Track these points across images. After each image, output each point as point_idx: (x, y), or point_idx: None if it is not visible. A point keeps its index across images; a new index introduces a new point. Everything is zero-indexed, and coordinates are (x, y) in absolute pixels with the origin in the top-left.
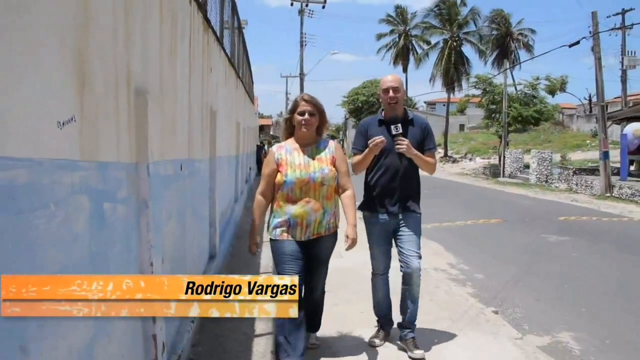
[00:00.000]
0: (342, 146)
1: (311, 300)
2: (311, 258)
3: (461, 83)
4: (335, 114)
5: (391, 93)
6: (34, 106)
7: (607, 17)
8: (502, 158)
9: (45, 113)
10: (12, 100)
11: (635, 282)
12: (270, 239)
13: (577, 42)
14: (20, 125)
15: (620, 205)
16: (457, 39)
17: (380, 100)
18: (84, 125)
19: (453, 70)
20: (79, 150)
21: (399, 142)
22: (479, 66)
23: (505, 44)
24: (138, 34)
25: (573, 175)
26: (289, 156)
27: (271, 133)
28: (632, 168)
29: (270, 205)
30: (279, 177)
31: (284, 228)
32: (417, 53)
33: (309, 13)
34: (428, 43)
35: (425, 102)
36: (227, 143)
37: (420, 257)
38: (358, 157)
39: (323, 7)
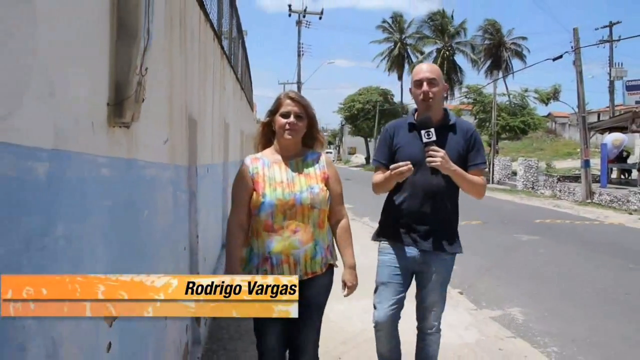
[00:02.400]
0: (338, 152)
1: None
2: (299, 305)
3: (454, 92)
4: (332, 121)
5: (425, 87)
6: (153, 133)
7: (595, 29)
8: (491, 165)
9: (158, 137)
10: (143, 129)
11: (581, 271)
12: None
13: (560, 56)
14: (148, 142)
15: (598, 211)
16: (449, 48)
17: (412, 97)
18: (170, 143)
19: (446, 78)
20: (168, 157)
21: (432, 153)
22: (473, 75)
23: (497, 53)
24: (190, 79)
25: (557, 182)
26: (267, 171)
27: None
28: (613, 176)
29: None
30: (254, 198)
31: (266, 269)
32: (412, 61)
33: (306, 24)
34: (422, 53)
35: None
36: (235, 149)
37: (440, 317)
38: (380, 176)
39: (320, 18)
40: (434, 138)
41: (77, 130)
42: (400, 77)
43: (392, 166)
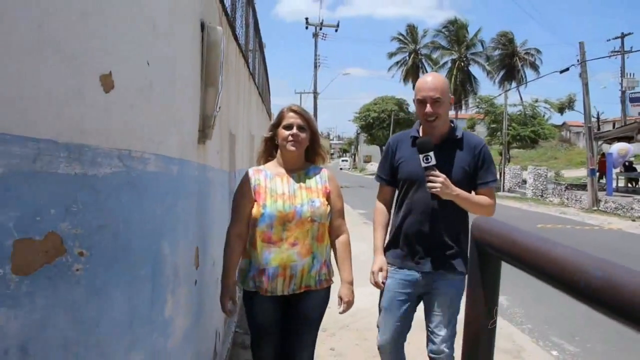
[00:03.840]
0: (354, 160)
1: None
2: (294, 318)
3: (468, 102)
4: (348, 129)
5: (429, 108)
6: (212, 146)
7: (607, 40)
8: (502, 174)
9: (214, 149)
10: (209, 143)
11: None
12: (244, 291)
13: (567, 69)
14: (210, 153)
15: (602, 218)
16: (464, 59)
17: (416, 113)
18: (220, 153)
19: (460, 89)
20: (219, 164)
21: (431, 178)
22: (487, 85)
23: (511, 63)
24: (229, 100)
25: (565, 190)
26: (269, 182)
27: None
28: (621, 184)
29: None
30: (255, 210)
31: (261, 280)
32: (426, 71)
33: (323, 36)
34: (437, 63)
35: None
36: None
37: (449, 341)
38: (377, 232)
39: (336, 30)
40: (433, 162)
41: (187, 146)
42: (414, 87)
43: (372, 269)
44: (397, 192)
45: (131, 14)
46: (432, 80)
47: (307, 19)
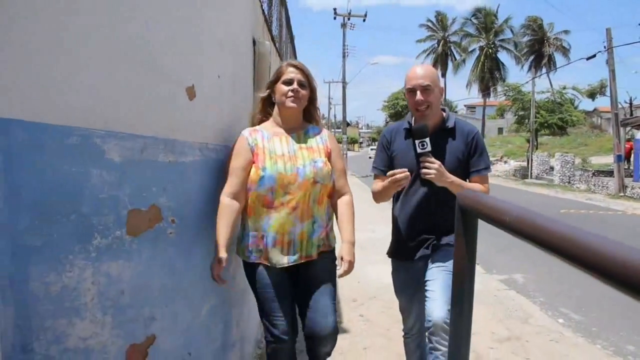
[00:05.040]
0: None
1: (319, 341)
2: (305, 279)
3: (496, 88)
4: (377, 118)
5: (419, 96)
6: None
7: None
8: (529, 161)
9: None
10: None
11: None
12: (244, 262)
13: (594, 56)
14: None
15: (628, 203)
16: (492, 46)
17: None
18: None
19: (488, 76)
20: None
21: (426, 164)
22: (516, 72)
23: (540, 49)
24: None
25: (592, 177)
26: (267, 143)
27: None
28: None
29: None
30: (253, 172)
31: (260, 248)
32: (455, 59)
33: (351, 26)
34: (465, 50)
35: (465, 106)
36: None
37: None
38: (378, 185)
39: (364, 20)
40: (428, 148)
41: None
42: (444, 75)
43: (388, 173)
44: None
45: (206, 37)
46: (422, 69)
47: (335, 9)
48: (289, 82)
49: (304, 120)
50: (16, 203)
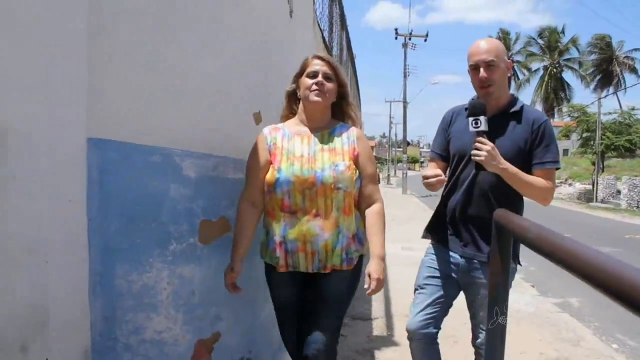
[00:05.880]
0: None
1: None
2: (313, 298)
3: (561, 109)
4: None
5: (482, 72)
6: None
7: None
8: (595, 184)
9: None
10: None
11: None
12: (265, 263)
13: None
14: None
15: None
16: (557, 65)
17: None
18: None
19: (553, 96)
20: None
21: (477, 145)
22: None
23: (608, 68)
24: None
25: None
26: (286, 143)
27: (374, 154)
28: None
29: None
30: (269, 174)
31: (278, 255)
32: (518, 78)
33: (412, 46)
34: (529, 69)
35: None
36: None
37: None
38: (429, 171)
39: (425, 40)
40: (483, 127)
41: None
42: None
43: (422, 174)
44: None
45: (272, 72)
46: (485, 42)
47: (396, 29)
48: (313, 75)
49: (334, 118)
50: (107, 211)
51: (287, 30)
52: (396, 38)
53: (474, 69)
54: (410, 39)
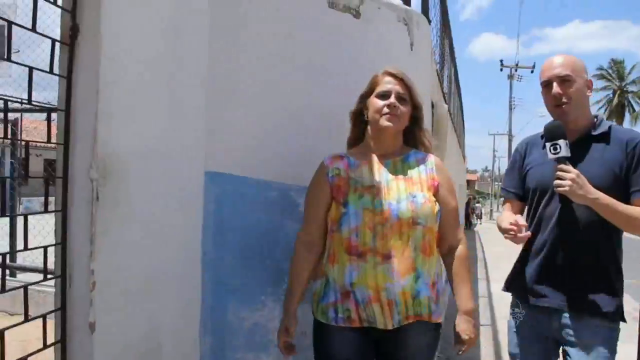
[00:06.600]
0: None
1: None
2: (392, 355)
3: None
4: None
5: (556, 88)
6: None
7: None
8: None
9: None
10: None
11: None
12: (316, 322)
13: None
14: None
15: None
16: None
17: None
18: None
19: None
20: None
21: (560, 174)
22: None
23: None
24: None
25: None
26: (352, 172)
27: (476, 188)
28: None
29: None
30: (333, 210)
31: (349, 307)
32: (633, 110)
33: (518, 78)
34: None
35: None
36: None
37: None
38: (505, 215)
39: (532, 71)
40: (564, 153)
41: None
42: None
43: (498, 224)
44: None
45: None
46: (560, 57)
47: (501, 61)
48: (384, 95)
49: (405, 144)
50: (222, 245)
51: (409, 63)
52: (501, 69)
53: (546, 85)
54: (516, 70)
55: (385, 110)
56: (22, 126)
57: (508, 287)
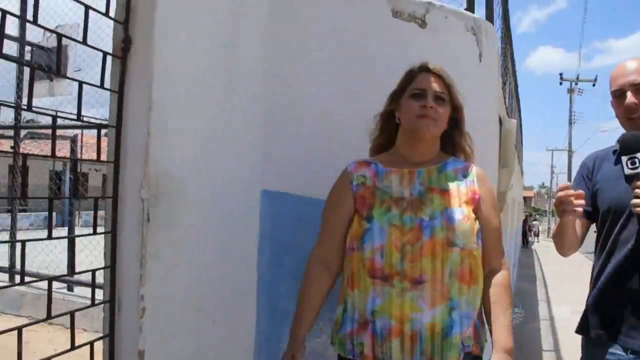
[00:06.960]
0: None
1: None
2: None
3: None
4: None
5: (630, 97)
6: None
7: None
8: None
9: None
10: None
11: None
12: (338, 356)
13: None
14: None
15: None
16: None
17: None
18: (505, 218)
19: None
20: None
21: (637, 191)
22: None
23: None
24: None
25: None
26: (379, 181)
27: (532, 205)
28: None
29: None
30: (355, 225)
31: (362, 340)
32: None
33: (579, 91)
34: None
35: None
36: (516, 221)
37: None
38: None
39: (593, 85)
40: None
41: None
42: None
43: (558, 194)
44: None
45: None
46: (633, 62)
47: (561, 74)
48: (419, 95)
49: (442, 151)
50: (278, 267)
51: (477, 75)
52: (561, 83)
53: (618, 95)
54: (576, 83)
55: (422, 112)
56: (84, 142)
57: (581, 329)
